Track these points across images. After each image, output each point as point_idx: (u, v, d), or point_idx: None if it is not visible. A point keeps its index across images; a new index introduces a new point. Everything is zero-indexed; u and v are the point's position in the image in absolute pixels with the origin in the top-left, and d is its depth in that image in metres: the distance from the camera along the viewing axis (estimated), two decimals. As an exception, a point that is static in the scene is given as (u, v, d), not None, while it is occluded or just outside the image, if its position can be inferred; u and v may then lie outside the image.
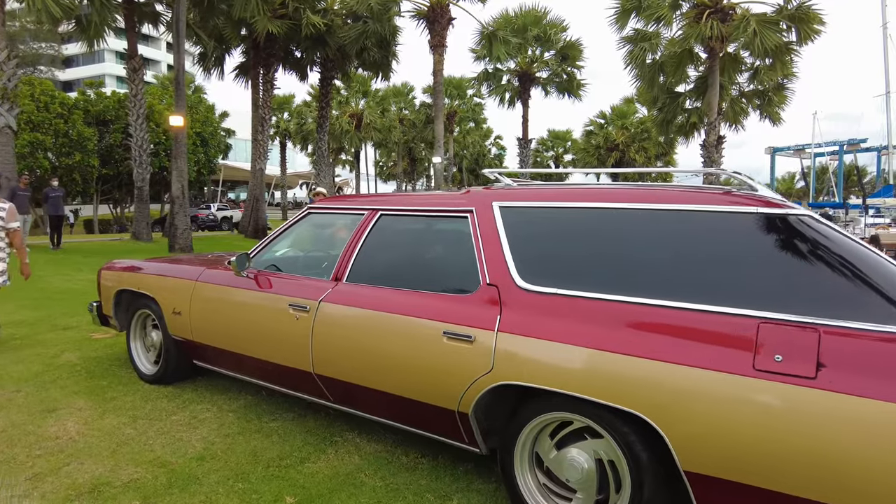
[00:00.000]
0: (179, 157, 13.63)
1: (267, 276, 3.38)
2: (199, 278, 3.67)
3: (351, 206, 3.31)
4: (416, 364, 2.60)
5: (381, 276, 2.96)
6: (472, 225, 2.70)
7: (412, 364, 2.62)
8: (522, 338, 2.32)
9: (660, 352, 2.05)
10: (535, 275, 2.44)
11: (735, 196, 2.25)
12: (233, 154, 39.32)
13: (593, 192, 2.52)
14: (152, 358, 4.23)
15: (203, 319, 3.60)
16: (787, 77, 22.28)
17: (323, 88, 22.09)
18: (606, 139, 41.42)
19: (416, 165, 48.62)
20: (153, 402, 3.76)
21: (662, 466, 2.14)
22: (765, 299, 2.00)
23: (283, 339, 3.13)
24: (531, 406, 2.38)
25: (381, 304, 2.78)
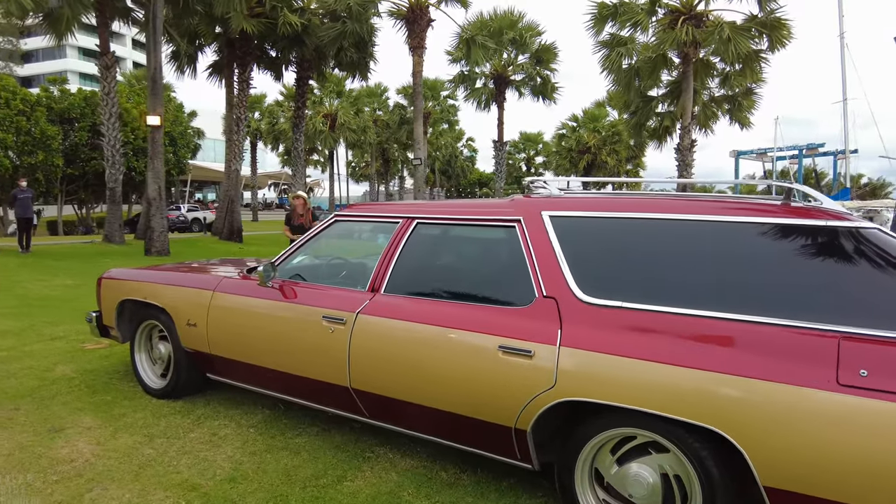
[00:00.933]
0: (156, 158, 13.23)
1: (293, 286, 3.25)
2: (218, 288, 3.51)
3: (382, 213, 3.20)
4: (468, 379, 2.51)
5: (422, 287, 2.86)
6: (522, 235, 2.63)
7: (462, 379, 2.53)
8: (587, 352, 2.26)
9: (734, 366, 2.01)
10: (596, 287, 2.38)
11: (806, 209, 2.23)
12: (201, 154, 38.51)
13: (654, 202, 2.47)
14: (159, 371, 4.04)
15: (222, 331, 3.44)
16: (756, 83, 22.84)
17: (299, 88, 21.76)
18: (578, 142, 41.86)
19: (389, 166, 48.39)
20: (166, 418, 3.59)
21: (734, 481, 2.11)
22: (843, 313, 1.98)
23: (315, 353, 3.01)
24: (594, 422, 2.32)
25: (426, 317, 2.68)
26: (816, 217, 2.17)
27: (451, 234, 3.00)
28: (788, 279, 2.12)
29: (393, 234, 3.03)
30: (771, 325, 2.03)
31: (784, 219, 2.21)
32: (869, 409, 1.81)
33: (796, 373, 1.93)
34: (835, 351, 1.91)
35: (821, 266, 2.10)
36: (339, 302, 2.98)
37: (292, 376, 3.15)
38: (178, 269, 4.09)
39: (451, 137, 49.92)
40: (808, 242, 2.15)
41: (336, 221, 3.35)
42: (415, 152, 20.01)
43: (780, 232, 2.20)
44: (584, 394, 2.25)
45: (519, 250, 2.62)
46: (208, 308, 3.49)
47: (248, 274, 3.57)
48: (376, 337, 2.80)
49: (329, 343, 2.93)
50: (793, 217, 2.20)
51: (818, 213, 2.19)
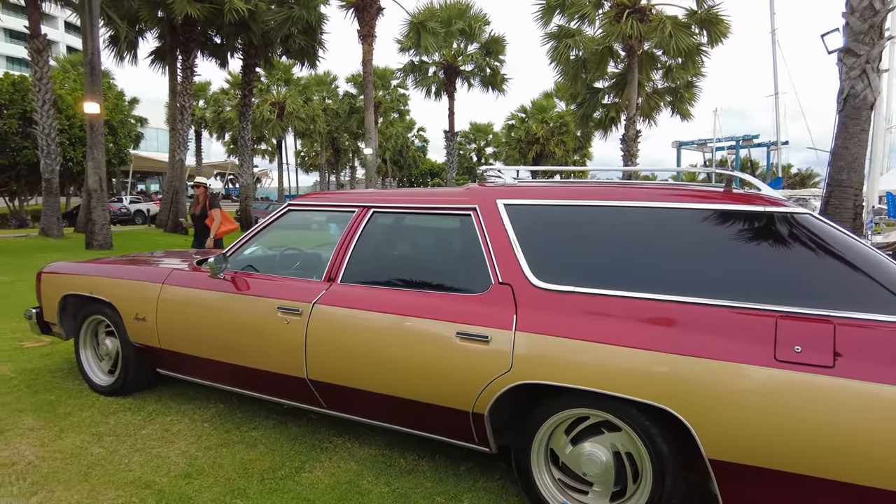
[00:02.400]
0: (95, 147, 12.68)
1: (246, 277, 3.20)
2: (168, 281, 3.42)
3: (337, 203, 3.18)
4: (426, 366, 2.54)
5: (379, 276, 2.87)
6: (477, 223, 2.67)
7: (421, 366, 2.56)
8: (542, 336, 2.32)
9: (680, 346, 2.11)
10: (550, 273, 2.44)
11: (746, 196, 2.34)
12: (144, 144, 37.12)
13: (603, 190, 2.55)
14: (106, 367, 3.91)
15: (172, 325, 3.36)
16: (696, 76, 23.64)
17: (245, 76, 21.23)
18: (527, 133, 42.31)
19: (340, 156, 47.78)
20: (115, 415, 3.48)
21: (682, 456, 2.21)
22: (780, 294, 2.10)
23: (270, 345, 2.98)
24: (549, 404, 2.39)
25: (383, 306, 2.69)
26: (755, 203, 2.29)
27: (408, 223, 3.02)
28: (730, 262, 2.23)
29: (349, 224, 3.02)
30: (714, 307, 2.14)
31: (726, 205, 2.32)
32: (804, 382, 1.94)
33: (738, 350, 2.04)
34: (773, 329, 2.03)
35: (760, 249, 2.22)
36: (294, 292, 2.95)
37: (247, 369, 3.11)
38: (124, 261, 3.95)
39: (402, 127, 49.68)
40: (748, 227, 2.27)
41: (289, 211, 3.31)
42: (366, 142, 19.84)
43: (721, 217, 2.31)
44: (539, 376, 2.31)
45: (475, 238, 2.65)
46: (157, 302, 3.40)
47: (199, 266, 3.49)
48: (334, 327, 2.79)
49: (285, 334, 2.91)
50: (734, 203, 2.32)
51: (757, 199, 2.31)
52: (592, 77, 23.18)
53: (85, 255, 12.03)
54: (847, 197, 6.80)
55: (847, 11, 6.80)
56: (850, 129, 6.86)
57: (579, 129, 30.53)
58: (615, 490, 2.36)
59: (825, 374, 1.92)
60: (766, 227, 2.24)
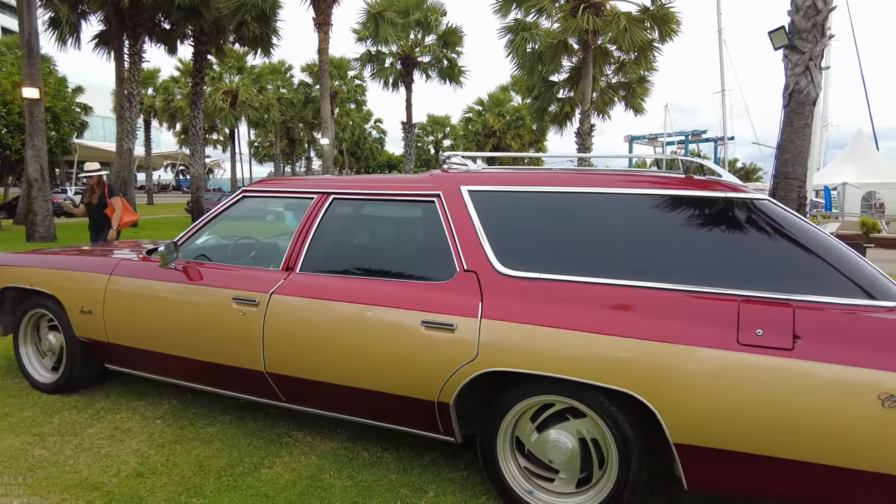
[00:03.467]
0: (35, 134, 12.05)
1: (199, 267, 3.07)
2: (115, 272, 3.26)
3: (295, 189, 3.08)
4: (390, 356, 2.49)
5: (340, 264, 2.80)
6: (441, 210, 2.62)
7: (385, 356, 2.50)
8: (507, 324, 2.30)
9: (644, 331, 2.11)
10: (515, 260, 2.41)
11: (707, 182, 2.36)
12: (90, 133, 35.64)
13: (566, 177, 2.54)
14: (50, 364, 3.71)
15: (121, 319, 3.20)
16: (649, 71, 24.15)
17: (197, 63, 20.53)
18: (484, 126, 42.47)
19: (295, 147, 46.93)
20: (60, 414, 3.30)
21: (647, 441, 2.23)
22: (741, 278, 2.13)
23: (225, 338, 2.86)
24: (515, 391, 2.37)
25: (345, 295, 2.62)
26: (716, 189, 2.31)
27: (370, 210, 2.95)
28: (692, 247, 2.25)
29: (308, 211, 2.93)
30: (677, 291, 2.15)
31: (687, 191, 2.33)
32: (765, 365, 1.96)
33: (702, 335, 2.05)
34: (735, 313, 2.05)
35: (721, 235, 2.24)
36: (250, 282, 2.85)
37: (201, 363, 2.99)
38: (68, 252, 3.75)
39: (359, 118, 49.18)
40: (708, 213, 2.29)
41: (244, 197, 3.19)
42: (322, 132, 19.51)
43: (683, 203, 2.32)
44: (504, 364, 2.28)
45: (439, 225, 2.61)
46: (105, 293, 3.24)
47: (149, 255, 3.33)
48: (293, 318, 2.71)
49: (241, 326, 2.80)
50: (694, 189, 2.33)
51: (717, 185, 2.34)
52: (548, 70, 23.40)
53: (26, 248, 11.45)
54: (792, 188, 7.03)
55: (792, 10, 7.02)
56: (795, 123, 7.09)
57: (535, 122, 30.82)
58: (581, 476, 2.36)
59: (785, 357, 1.96)
60: (726, 213, 2.27)
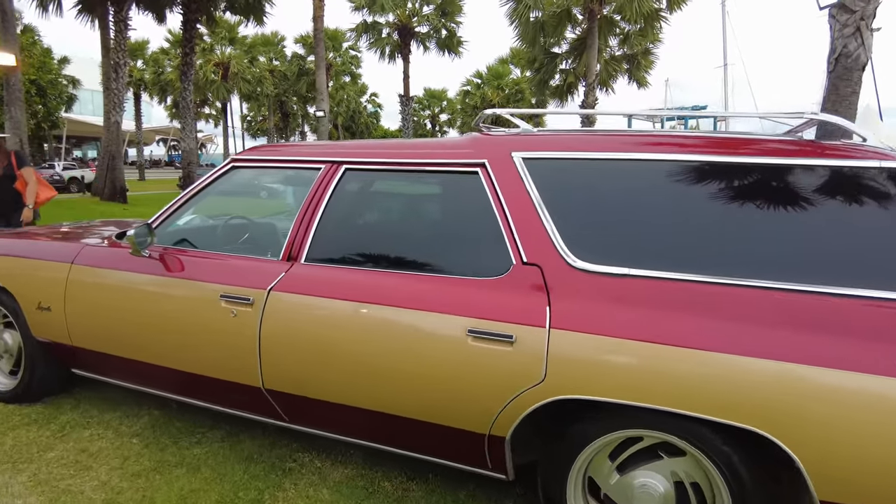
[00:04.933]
0: (13, 105, 11.30)
1: (179, 255, 2.48)
2: (77, 260, 2.66)
3: (296, 157, 2.47)
4: (425, 375, 1.92)
5: (355, 253, 2.21)
6: (488, 183, 2.03)
7: (418, 375, 1.93)
8: (587, 336, 1.73)
9: (783, 349, 1.55)
10: (592, 250, 1.84)
11: (850, 148, 1.77)
12: (78, 106, 34.60)
13: (656, 140, 1.94)
14: (7, 367, 3.13)
15: (86, 317, 2.62)
16: (654, 43, 23.43)
17: (186, 33, 19.56)
18: (483, 99, 41.49)
19: (288, 121, 45.86)
20: (15, 431, 2.74)
21: (774, 488, 1.68)
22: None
23: (212, 345, 2.29)
24: (593, 423, 1.81)
25: (363, 293, 2.04)
26: (867, 157, 1.72)
27: (393, 184, 2.35)
28: (840, 237, 1.67)
29: (314, 185, 2.33)
30: (824, 295, 1.58)
31: (828, 160, 1.74)
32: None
33: (865, 356, 1.49)
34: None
35: (880, 220, 1.66)
36: (243, 276, 2.26)
37: (182, 374, 2.42)
38: (22, 235, 3.14)
39: (354, 91, 48.02)
40: (861, 189, 1.70)
41: (233, 168, 2.58)
42: (317, 104, 18.72)
43: (825, 176, 1.74)
44: (584, 389, 1.72)
45: (485, 203, 2.02)
46: (65, 286, 2.65)
47: (118, 240, 2.74)
48: (297, 321, 2.13)
49: (231, 331, 2.23)
50: (839, 157, 1.75)
51: (867, 152, 1.74)
52: (550, 41, 22.64)
53: (5, 227, 10.81)
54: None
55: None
56: (841, 90, 6.46)
57: (536, 95, 29.89)
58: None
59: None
60: (885, 190, 1.68)
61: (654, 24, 21.22)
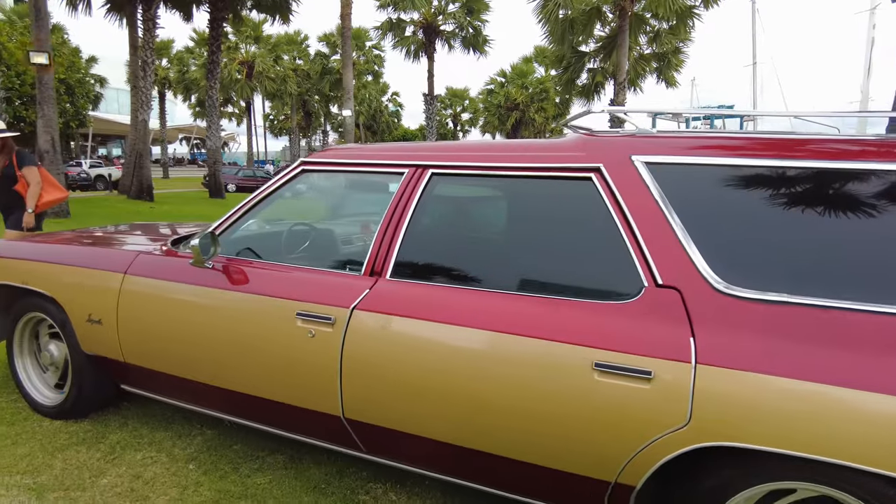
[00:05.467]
0: (46, 103, 11.25)
1: (246, 266, 2.26)
2: (131, 270, 2.45)
3: (374, 160, 2.24)
4: (540, 412, 1.67)
5: (452, 269, 1.97)
6: (606, 192, 1.78)
7: (531, 412, 1.68)
8: (741, 373, 1.46)
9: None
10: (741, 272, 1.57)
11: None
12: (104, 105, 34.89)
13: (822, 144, 1.67)
14: (52, 380, 2.95)
15: (140, 332, 2.42)
16: (685, 41, 23.00)
17: (213, 31, 19.56)
18: (507, 98, 41.16)
19: (311, 120, 45.94)
20: (64, 453, 2.54)
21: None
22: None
23: (285, 367, 2.07)
24: (740, 473, 1.55)
25: (466, 317, 1.80)
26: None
27: (489, 191, 2.10)
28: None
29: (398, 192, 2.09)
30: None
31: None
32: None
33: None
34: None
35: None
36: (321, 291, 2.03)
37: (249, 398, 2.20)
38: (70, 240, 2.95)
39: (376, 90, 47.94)
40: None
41: (303, 171, 2.35)
42: (344, 103, 18.57)
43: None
44: (738, 436, 1.46)
45: (602, 214, 1.76)
46: (118, 298, 2.44)
47: (174, 248, 2.53)
48: (386, 345, 1.89)
49: (308, 353, 2.00)
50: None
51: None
52: (578, 40, 22.31)
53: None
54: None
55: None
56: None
57: (563, 94, 29.47)
58: None
59: None
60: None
61: (687, 22, 20.83)
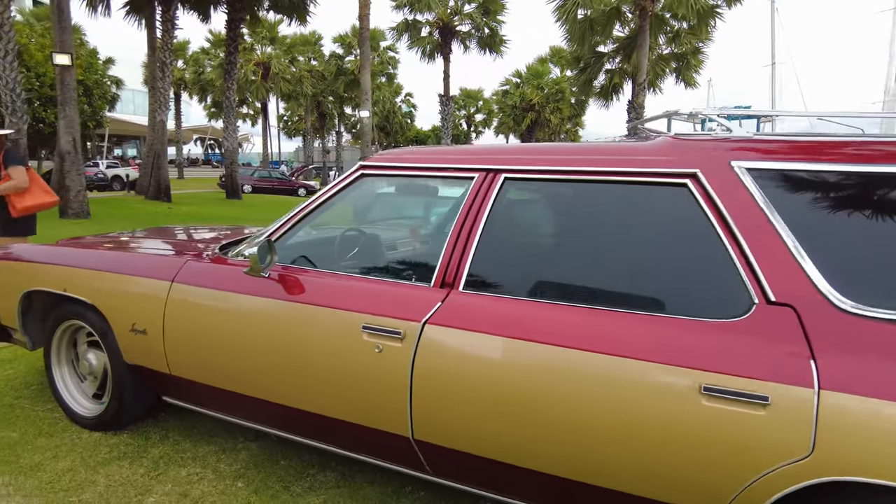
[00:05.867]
0: (67, 104, 11.26)
1: (304, 275, 2.14)
2: (179, 278, 2.34)
3: (439, 164, 2.11)
4: (638, 439, 1.53)
5: (532, 282, 1.83)
6: (704, 199, 1.64)
7: (629, 438, 1.55)
8: (872, 401, 1.32)
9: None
10: (864, 289, 1.43)
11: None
12: (120, 106, 35.11)
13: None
14: (90, 390, 2.85)
15: (188, 344, 2.30)
16: (705, 41, 22.77)
17: (231, 32, 19.57)
18: (522, 98, 40.97)
19: (325, 121, 46.00)
20: (107, 468, 2.44)
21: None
22: None
23: (347, 383, 1.94)
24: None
25: (553, 334, 1.66)
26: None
27: (568, 198, 1.97)
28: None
29: (468, 198, 1.96)
30: None
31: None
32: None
33: None
34: None
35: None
36: (389, 304, 1.91)
37: (307, 414, 2.08)
38: (109, 245, 2.86)
39: (389, 91, 47.94)
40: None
41: (362, 175, 2.22)
42: (362, 104, 18.49)
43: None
44: (870, 471, 1.31)
45: (701, 223, 1.63)
46: (164, 307, 2.33)
47: (223, 254, 2.41)
48: (463, 363, 1.76)
49: (374, 369, 1.87)
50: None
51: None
52: (597, 40, 22.14)
53: (59, 226, 10.77)
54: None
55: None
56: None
57: (580, 95, 29.33)
58: None
59: None
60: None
61: (709, 22, 20.58)
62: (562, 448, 1.64)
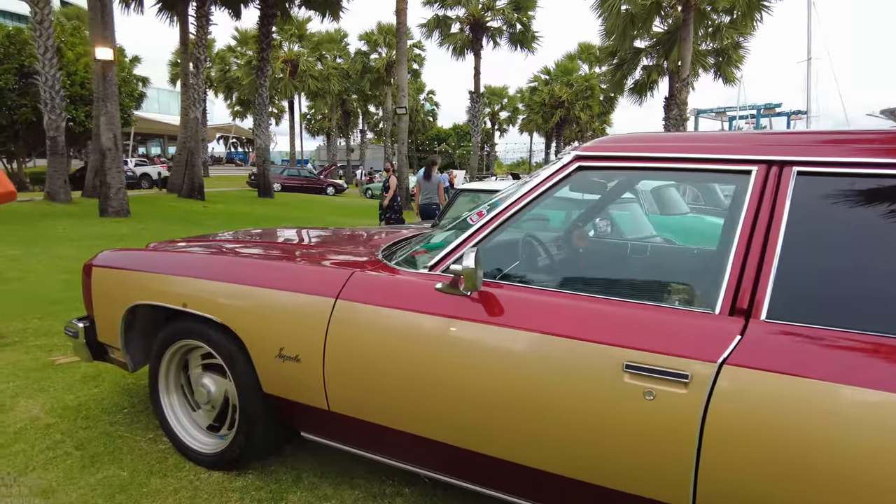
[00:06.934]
0: (108, 100, 10.96)
1: (522, 294, 1.69)
2: (345, 294, 1.91)
3: (692, 153, 1.65)
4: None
5: (868, 308, 1.37)
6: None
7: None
8: None
9: None
10: None
11: None
12: (145, 104, 35.13)
13: None
14: (205, 421, 2.44)
15: (359, 378, 1.87)
16: (747, 35, 22.19)
17: (263, 27, 19.30)
18: (551, 95, 40.38)
19: (349, 118, 45.78)
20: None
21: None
22: None
23: (595, 437, 1.50)
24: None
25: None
26: None
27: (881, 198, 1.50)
28: None
29: (750, 199, 1.50)
30: None
31: None
32: None
33: None
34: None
35: None
36: (663, 336, 1.45)
37: (516, 467, 1.64)
38: (243, 248, 2.43)
39: (413, 89, 47.59)
40: None
41: (579, 168, 1.77)
42: (399, 98, 18.11)
43: None
44: None
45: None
46: (326, 330, 1.90)
47: (394, 264, 1.98)
48: (782, 420, 1.30)
49: (640, 421, 1.42)
50: None
51: None
52: (637, 34, 21.62)
53: (101, 223, 10.50)
54: None
55: None
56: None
57: (614, 91, 28.61)
58: None
59: None
60: None
61: (755, 15, 19.92)
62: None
